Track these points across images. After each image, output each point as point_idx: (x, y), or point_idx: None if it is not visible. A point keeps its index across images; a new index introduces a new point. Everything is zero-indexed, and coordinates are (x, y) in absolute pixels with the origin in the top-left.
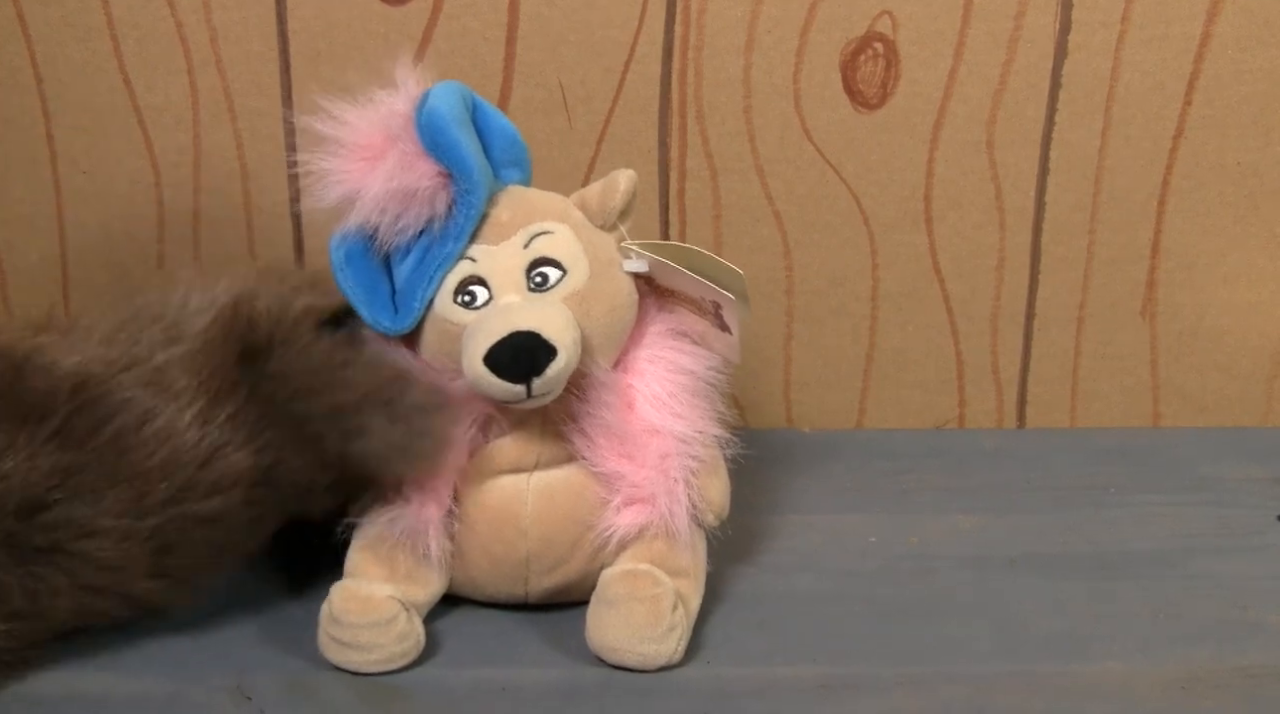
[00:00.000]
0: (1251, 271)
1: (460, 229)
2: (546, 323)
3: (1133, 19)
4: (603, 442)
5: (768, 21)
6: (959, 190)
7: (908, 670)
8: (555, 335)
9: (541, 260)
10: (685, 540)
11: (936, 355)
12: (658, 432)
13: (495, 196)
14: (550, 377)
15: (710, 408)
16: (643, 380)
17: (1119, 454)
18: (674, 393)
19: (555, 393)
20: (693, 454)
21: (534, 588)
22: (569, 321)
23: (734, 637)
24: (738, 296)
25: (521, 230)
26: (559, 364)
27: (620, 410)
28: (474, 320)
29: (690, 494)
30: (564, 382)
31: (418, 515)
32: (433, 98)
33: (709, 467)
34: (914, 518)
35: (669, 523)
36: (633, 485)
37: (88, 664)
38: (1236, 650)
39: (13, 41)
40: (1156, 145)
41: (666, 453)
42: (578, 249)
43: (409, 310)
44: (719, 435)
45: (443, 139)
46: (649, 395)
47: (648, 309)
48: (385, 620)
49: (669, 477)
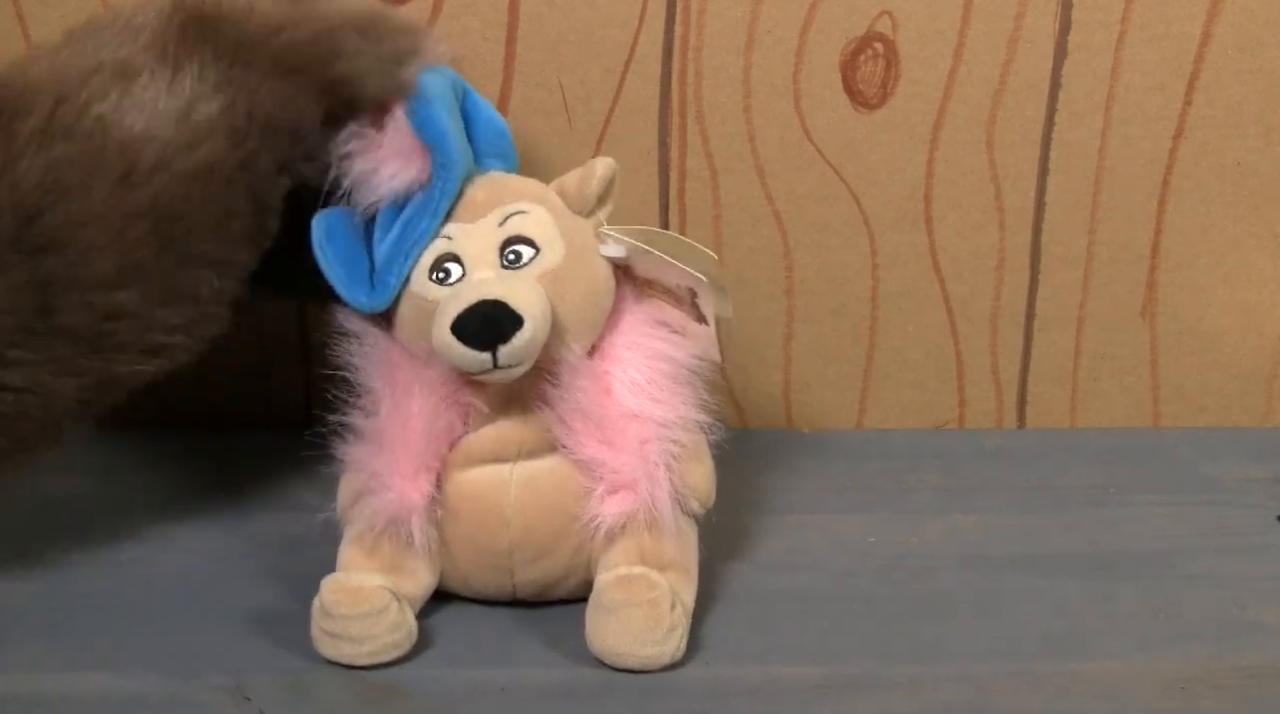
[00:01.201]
0: (1251, 271)
1: (436, 206)
2: (514, 293)
3: (1133, 19)
4: (580, 427)
5: (768, 21)
6: (959, 190)
7: (907, 670)
8: (523, 305)
9: (516, 238)
10: (670, 528)
11: (936, 355)
12: (636, 417)
13: (474, 179)
14: (517, 346)
15: (692, 394)
16: (620, 366)
17: (1119, 454)
18: (653, 379)
19: (525, 365)
20: (674, 439)
21: (520, 579)
22: (539, 296)
23: (732, 636)
24: (710, 280)
25: (497, 209)
26: (525, 333)
27: (597, 396)
28: (447, 295)
29: (673, 480)
30: (533, 354)
31: (400, 503)
32: (422, 78)
33: (691, 452)
34: (914, 518)
35: (652, 509)
36: (613, 471)
37: (88, 664)
38: (1235, 650)
39: (13, 41)
40: (1156, 145)
41: (646, 438)
42: (553, 230)
43: (385, 287)
44: (702, 422)
45: (423, 113)
46: (627, 381)
47: (626, 298)
48: (377, 611)
49: (649, 462)
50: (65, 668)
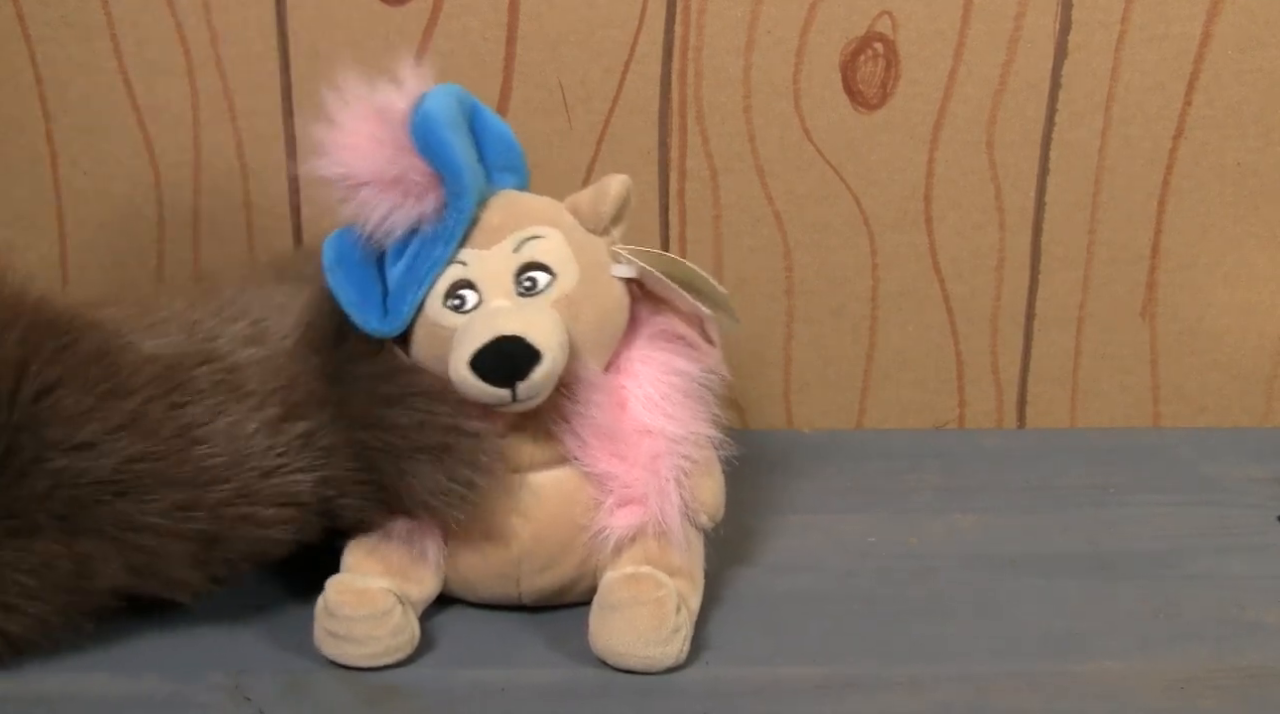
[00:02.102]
0: (1251, 272)
1: (450, 233)
2: (532, 327)
3: (1133, 19)
4: (594, 442)
5: (768, 21)
6: (959, 190)
7: (907, 670)
8: (541, 339)
9: (531, 265)
10: (679, 540)
11: (936, 355)
12: (649, 432)
13: (487, 200)
14: (535, 381)
15: (704, 409)
16: (635, 381)
17: (1119, 454)
18: (666, 394)
19: (542, 396)
20: (685, 454)
21: (526, 588)
22: (556, 325)
23: (734, 637)
24: (721, 312)
25: (512, 235)
26: (543, 368)
27: (612, 411)
28: (463, 324)
29: (683, 494)
30: (550, 385)
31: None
32: (429, 100)
33: (702, 467)
34: (914, 518)
35: (661, 523)
36: (624, 485)
37: (88, 664)
38: (1235, 650)
39: (13, 41)
40: (1156, 145)
41: (658, 453)
42: (568, 253)
43: (398, 313)
44: (713, 436)
45: (434, 140)
46: (641, 396)
47: (641, 312)
48: (381, 613)
49: (660, 477)
50: (65, 668)
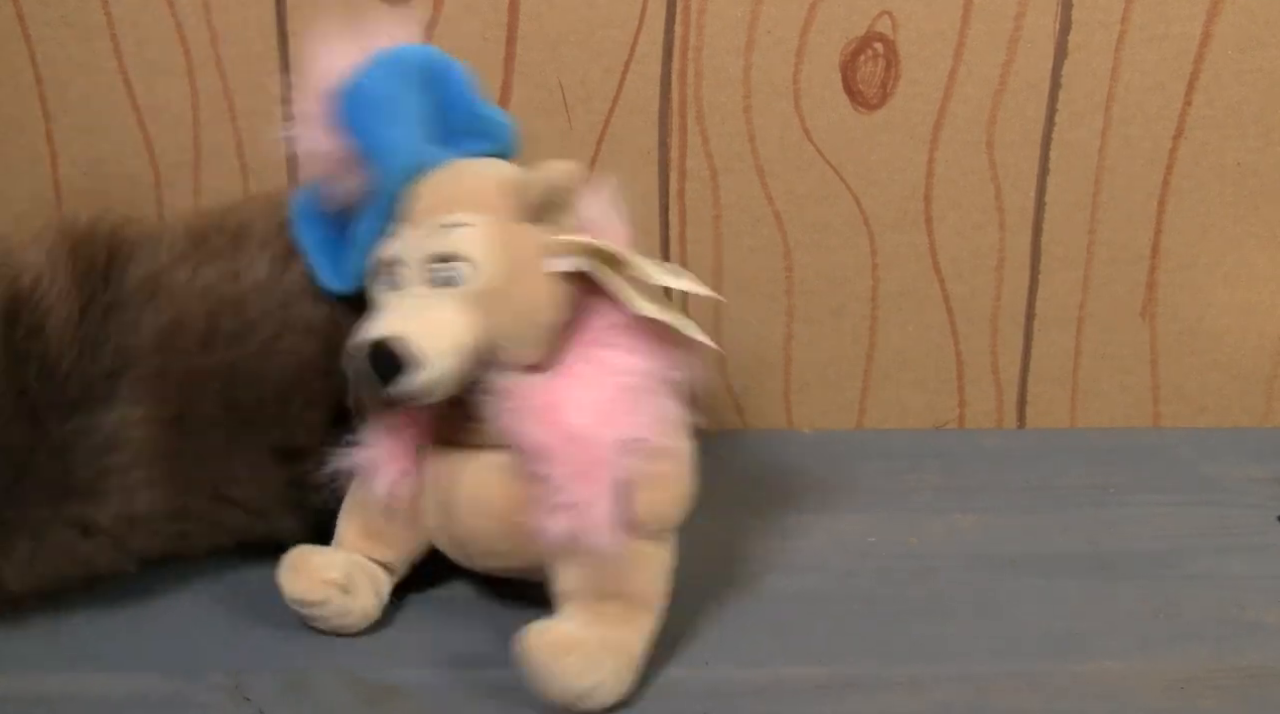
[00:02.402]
0: (1251, 272)
1: (379, 210)
2: (421, 329)
3: (1133, 19)
4: (525, 449)
5: (768, 21)
6: (959, 190)
7: (907, 670)
8: (427, 344)
9: (445, 255)
10: (614, 557)
11: (936, 355)
12: (583, 439)
13: (431, 175)
14: (406, 389)
15: (656, 411)
16: (571, 385)
17: (1119, 454)
18: (610, 396)
19: (434, 397)
20: (625, 462)
21: (479, 567)
22: (452, 327)
23: (734, 637)
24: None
25: (433, 218)
26: (425, 376)
27: (543, 417)
28: (380, 307)
29: (623, 504)
30: (434, 391)
31: (384, 477)
32: (364, 74)
33: (651, 473)
34: (914, 518)
35: (591, 534)
36: (553, 493)
37: (88, 664)
38: (1235, 650)
39: (13, 41)
40: (1156, 145)
41: (593, 461)
42: (493, 243)
43: (344, 275)
44: (670, 436)
45: (356, 120)
46: (574, 401)
47: (595, 305)
48: (320, 602)
49: (592, 487)
50: (65, 668)
